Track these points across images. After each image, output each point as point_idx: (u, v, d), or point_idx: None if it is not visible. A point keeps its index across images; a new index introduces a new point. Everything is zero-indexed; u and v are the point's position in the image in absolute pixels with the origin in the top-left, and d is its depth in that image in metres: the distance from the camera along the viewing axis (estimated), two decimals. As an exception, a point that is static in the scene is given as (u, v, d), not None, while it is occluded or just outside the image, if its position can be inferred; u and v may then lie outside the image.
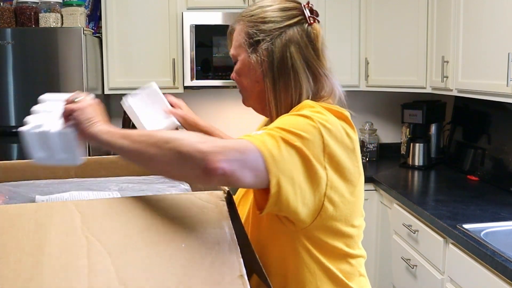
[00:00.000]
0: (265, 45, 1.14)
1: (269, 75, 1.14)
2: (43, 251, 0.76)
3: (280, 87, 1.14)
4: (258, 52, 1.15)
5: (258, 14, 1.17)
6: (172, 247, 0.81)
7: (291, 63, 1.13)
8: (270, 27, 1.15)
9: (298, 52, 1.14)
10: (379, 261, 3.05)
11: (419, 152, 3.35)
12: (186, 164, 0.88)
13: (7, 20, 2.84)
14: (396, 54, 3.25)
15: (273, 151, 0.94)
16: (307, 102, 1.10)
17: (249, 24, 1.16)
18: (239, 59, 1.18)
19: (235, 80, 1.23)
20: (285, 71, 1.13)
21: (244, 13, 1.20)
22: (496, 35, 2.37)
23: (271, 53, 1.13)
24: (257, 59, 1.15)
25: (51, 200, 1.06)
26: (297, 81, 1.13)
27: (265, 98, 1.16)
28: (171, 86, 3.26)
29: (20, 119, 2.77)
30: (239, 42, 1.18)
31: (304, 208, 0.99)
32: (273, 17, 1.15)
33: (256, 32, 1.15)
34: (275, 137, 0.96)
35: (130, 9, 3.19)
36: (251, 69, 1.16)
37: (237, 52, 1.19)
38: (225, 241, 0.83)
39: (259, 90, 1.17)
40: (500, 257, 1.76)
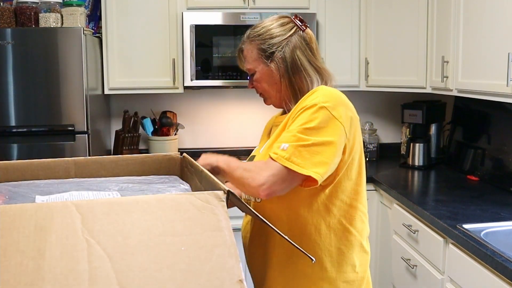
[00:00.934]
0: (279, 54, 1.51)
1: (286, 76, 1.51)
2: (44, 255, 0.76)
3: (296, 82, 1.51)
4: (274, 61, 1.51)
5: (265, 32, 1.52)
6: (171, 251, 0.81)
7: (299, 63, 1.51)
8: (278, 40, 1.51)
9: (302, 54, 1.52)
10: (379, 261, 3.05)
11: (419, 152, 3.35)
12: (248, 193, 1.46)
13: (7, 20, 2.84)
14: (396, 54, 3.26)
15: (293, 159, 1.34)
16: (321, 87, 1.48)
17: (260, 42, 1.52)
18: (258, 70, 1.54)
19: (255, 87, 1.58)
20: (297, 70, 1.51)
21: (250, 36, 1.55)
22: (496, 35, 2.37)
23: (284, 59, 1.51)
24: (275, 66, 1.51)
25: (51, 200, 1.06)
26: (307, 74, 1.51)
27: (284, 94, 1.53)
28: (171, 86, 3.26)
29: (20, 119, 2.80)
30: (253, 57, 1.54)
31: (329, 170, 1.39)
32: (277, 32, 1.52)
33: (269, 46, 1.51)
34: (297, 147, 1.35)
35: (130, 9, 3.19)
36: (270, 75, 1.52)
37: (254, 65, 1.54)
38: (224, 245, 0.83)
39: (278, 89, 1.53)
40: (500, 257, 1.76)
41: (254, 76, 1.55)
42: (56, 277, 0.75)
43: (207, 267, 0.80)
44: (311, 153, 1.34)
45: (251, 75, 1.57)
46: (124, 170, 1.34)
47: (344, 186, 1.46)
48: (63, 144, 2.83)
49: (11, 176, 1.24)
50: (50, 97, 2.78)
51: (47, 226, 0.80)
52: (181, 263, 0.80)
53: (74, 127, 2.81)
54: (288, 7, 3.24)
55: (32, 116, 2.79)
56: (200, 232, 0.85)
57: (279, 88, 1.52)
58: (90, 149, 2.87)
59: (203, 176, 1.18)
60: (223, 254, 0.82)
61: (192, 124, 3.66)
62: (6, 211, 0.82)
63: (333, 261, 1.48)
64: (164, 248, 0.81)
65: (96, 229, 0.81)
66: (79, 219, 0.82)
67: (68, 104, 2.80)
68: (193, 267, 0.80)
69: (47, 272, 0.75)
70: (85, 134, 2.83)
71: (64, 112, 2.80)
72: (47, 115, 2.79)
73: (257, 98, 1.64)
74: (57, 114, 2.80)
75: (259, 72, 1.53)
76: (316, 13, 3.24)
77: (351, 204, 1.49)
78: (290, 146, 1.34)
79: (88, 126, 2.83)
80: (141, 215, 0.85)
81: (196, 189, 1.22)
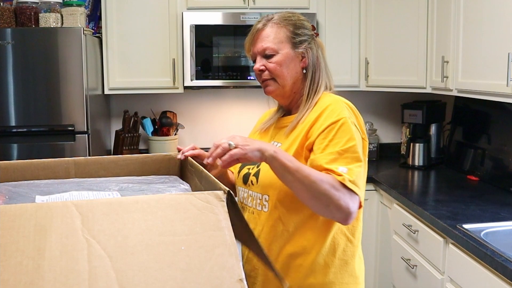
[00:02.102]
0: (307, 44, 1.52)
1: (310, 68, 1.52)
2: (44, 255, 0.76)
3: (315, 78, 1.52)
4: (302, 48, 1.50)
5: (298, 20, 1.53)
6: (171, 251, 0.81)
7: (321, 61, 1.55)
8: (308, 32, 1.53)
9: (322, 54, 1.56)
10: (379, 261, 3.05)
11: (419, 152, 3.35)
12: (331, 216, 1.38)
13: (7, 20, 2.84)
14: (396, 54, 3.25)
15: (360, 187, 1.37)
16: (334, 96, 1.50)
17: (294, 27, 1.50)
18: (281, 52, 1.49)
19: (270, 69, 1.49)
20: (318, 66, 1.53)
21: (278, 19, 1.51)
22: (496, 35, 2.37)
23: (312, 51, 1.52)
24: (301, 53, 1.50)
25: (51, 200, 1.06)
26: (324, 74, 1.55)
27: (297, 87, 1.52)
28: (171, 86, 3.26)
29: (20, 119, 2.80)
30: (280, 38, 1.49)
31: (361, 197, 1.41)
32: (308, 25, 1.55)
33: (302, 33, 1.51)
34: (353, 168, 1.36)
35: (130, 9, 3.19)
36: (294, 61, 1.50)
37: (278, 46, 1.49)
38: (224, 245, 0.83)
39: (296, 79, 1.51)
40: (500, 257, 1.76)
41: (273, 57, 1.49)
42: (56, 277, 0.75)
43: (207, 266, 0.80)
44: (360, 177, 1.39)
45: (266, 55, 1.50)
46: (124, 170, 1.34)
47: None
48: (63, 144, 2.83)
49: (11, 176, 1.24)
50: (50, 97, 2.78)
51: (47, 226, 0.80)
52: (181, 262, 0.80)
53: (74, 127, 2.81)
54: (288, 7, 3.23)
55: (32, 116, 2.79)
56: (200, 232, 0.85)
57: (297, 78, 1.51)
58: (90, 149, 2.87)
59: (203, 176, 1.18)
60: (223, 254, 0.82)
61: (192, 124, 3.66)
62: (6, 211, 0.82)
63: (336, 271, 1.49)
64: (164, 248, 0.81)
65: (96, 229, 0.81)
66: (79, 219, 0.81)
67: (68, 104, 2.80)
68: (193, 267, 0.80)
69: (47, 271, 0.75)
70: (85, 134, 2.83)
71: (64, 112, 2.80)
72: (47, 115, 2.80)
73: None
74: (57, 114, 2.80)
75: (282, 54, 1.49)
76: (316, 13, 3.24)
77: (357, 216, 1.49)
78: (349, 171, 1.35)
79: (88, 126, 2.83)
80: (141, 215, 0.85)
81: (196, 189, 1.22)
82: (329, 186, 1.28)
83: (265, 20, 1.52)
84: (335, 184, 1.30)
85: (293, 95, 1.54)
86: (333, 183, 1.30)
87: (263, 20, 1.53)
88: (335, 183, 1.30)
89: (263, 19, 1.53)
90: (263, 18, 1.53)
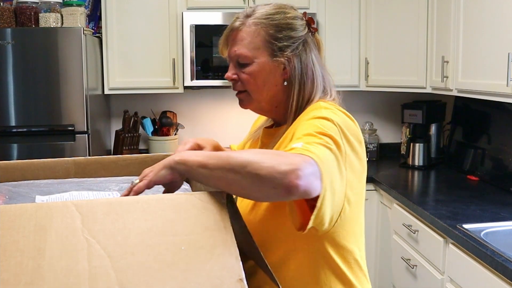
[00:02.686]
0: (292, 50, 1.21)
1: (295, 79, 1.21)
2: (44, 254, 0.76)
3: (305, 88, 1.21)
4: (283, 57, 1.20)
5: (282, 19, 1.22)
6: (172, 251, 0.81)
7: (312, 67, 1.23)
8: (296, 34, 1.22)
9: (316, 58, 1.25)
10: (379, 261, 3.05)
11: (419, 152, 3.35)
12: (267, 186, 0.90)
13: (7, 20, 2.84)
14: (396, 54, 3.25)
15: (323, 160, 0.96)
16: (320, 104, 1.18)
17: (274, 28, 1.21)
18: (256, 61, 1.21)
19: (242, 81, 1.23)
20: (310, 74, 1.22)
21: (258, 15, 1.22)
22: (496, 35, 2.37)
23: (300, 57, 1.21)
24: (285, 64, 1.21)
25: (51, 200, 1.06)
26: (318, 82, 1.23)
27: (277, 100, 1.24)
28: (171, 86, 3.26)
29: (20, 119, 2.79)
30: (255, 43, 1.21)
31: (330, 212, 1.01)
32: (297, 25, 1.23)
33: (285, 36, 1.21)
34: (316, 144, 1.00)
35: (130, 9, 3.19)
36: (272, 72, 1.21)
37: (253, 54, 1.21)
38: (224, 245, 0.83)
39: (275, 93, 1.23)
40: (500, 257, 1.76)
41: (247, 67, 1.22)
42: (56, 277, 0.75)
43: (207, 266, 0.80)
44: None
45: (239, 64, 1.23)
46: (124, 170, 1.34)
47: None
48: (63, 144, 2.83)
49: (11, 176, 1.24)
50: (50, 97, 2.78)
51: (47, 226, 0.80)
52: (181, 262, 0.80)
53: (74, 127, 2.81)
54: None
55: (32, 116, 2.79)
56: (200, 232, 0.85)
57: (276, 91, 1.23)
58: (90, 149, 2.87)
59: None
60: (223, 254, 0.82)
61: (192, 124, 3.66)
62: (6, 211, 0.82)
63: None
64: (164, 248, 0.81)
65: (96, 229, 0.81)
66: (79, 219, 0.81)
67: (68, 104, 2.80)
68: (193, 267, 0.79)
69: (47, 271, 0.75)
70: (85, 134, 2.83)
71: (64, 112, 2.80)
72: (47, 115, 2.80)
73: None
74: (57, 114, 2.80)
75: (258, 64, 1.21)
76: (316, 13, 3.24)
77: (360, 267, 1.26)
78: (305, 145, 1.03)
79: (88, 126, 2.83)
80: (141, 215, 0.85)
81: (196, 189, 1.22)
82: (261, 156, 0.92)
83: (243, 17, 1.25)
84: (273, 152, 0.97)
85: (275, 109, 1.26)
86: (268, 152, 0.98)
87: (241, 16, 1.25)
88: (273, 152, 0.98)
89: (242, 15, 1.25)
90: (242, 13, 1.26)
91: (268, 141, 1.28)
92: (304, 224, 1.00)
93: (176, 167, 0.98)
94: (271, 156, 0.92)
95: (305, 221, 0.99)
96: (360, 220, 1.18)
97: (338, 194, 1.01)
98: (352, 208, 1.10)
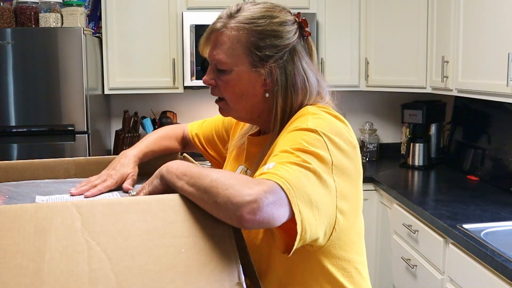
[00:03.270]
0: (276, 61, 1.10)
1: (279, 91, 1.11)
2: (44, 257, 0.76)
3: (292, 99, 1.12)
4: (266, 67, 1.10)
5: (266, 26, 1.11)
6: (172, 253, 0.80)
7: (303, 76, 1.12)
8: (282, 42, 1.11)
9: (307, 65, 1.14)
10: (379, 261, 3.05)
11: (419, 152, 3.35)
12: (222, 215, 0.86)
13: (7, 20, 2.84)
14: (396, 54, 3.25)
15: (291, 182, 0.89)
16: (308, 109, 1.09)
17: (256, 35, 1.10)
18: (235, 70, 1.11)
19: (220, 88, 1.15)
20: (296, 85, 1.11)
21: (240, 19, 1.12)
22: (496, 35, 2.37)
23: (283, 68, 1.11)
24: (264, 73, 1.10)
25: (51, 201, 1.06)
26: (310, 89, 1.13)
27: (258, 110, 1.15)
28: (171, 86, 3.26)
29: (20, 119, 2.79)
30: (236, 50, 1.11)
31: (321, 227, 0.96)
32: (284, 31, 1.12)
33: (269, 45, 1.10)
34: (289, 164, 0.93)
35: (130, 9, 3.19)
36: (250, 82, 1.12)
37: (232, 61, 1.12)
38: (224, 247, 0.83)
39: (255, 103, 1.14)
40: (500, 257, 1.76)
41: (225, 75, 1.13)
42: (56, 279, 0.74)
43: (206, 269, 0.80)
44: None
45: (218, 69, 1.15)
46: (124, 170, 1.34)
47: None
48: (63, 144, 2.83)
49: (11, 176, 1.24)
50: (50, 97, 2.78)
51: (47, 227, 0.80)
52: (181, 265, 0.80)
53: (74, 127, 2.81)
54: (288, 7, 3.23)
55: (32, 116, 2.79)
56: (200, 234, 0.85)
57: (256, 102, 1.13)
58: (90, 149, 2.87)
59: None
60: (223, 257, 0.82)
61: (192, 124, 3.66)
62: (6, 211, 0.82)
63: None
64: (164, 250, 0.81)
65: (97, 230, 0.81)
66: (79, 220, 0.81)
67: (68, 104, 2.80)
68: (192, 270, 0.80)
69: (47, 274, 0.75)
70: (85, 134, 2.83)
71: (64, 112, 2.80)
72: (47, 115, 2.80)
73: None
74: (57, 114, 2.80)
75: (236, 73, 1.12)
76: (316, 13, 3.24)
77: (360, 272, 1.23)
78: (277, 166, 0.97)
79: (88, 126, 2.83)
80: (142, 216, 0.84)
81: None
82: (224, 177, 0.88)
83: (226, 17, 1.15)
84: (237, 175, 0.91)
85: (257, 118, 1.17)
86: (233, 174, 0.92)
87: (224, 16, 1.16)
88: (238, 175, 0.92)
89: (225, 15, 1.16)
90: (225, 12, 1.17)
91: (255, 150, 1.19)
92: (288, 248, 0.94)
93: (164, 176, 0.97)
94: (234, 182, 0.86)
95: (290, 244, 0.93)
96: (357, 228, 1.11)
97: (324, 209, 0.95)
98: (348, 217, 1.04)
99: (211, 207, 0.87)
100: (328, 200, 0.97)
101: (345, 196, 1.02)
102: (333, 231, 1.01)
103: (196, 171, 0.92)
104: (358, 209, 1.10)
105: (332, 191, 0.98)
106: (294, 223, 0.89)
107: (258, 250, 1.07)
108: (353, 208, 1.06)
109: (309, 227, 0.91)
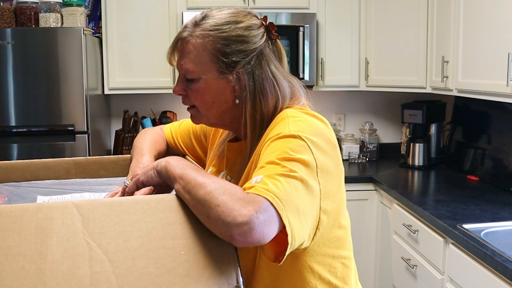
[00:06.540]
0: (243, 66, 1.10)
1: (248, 97, 1.11)
2: (45, 259, 0.76)
3: (261, 104, 1.12)
4: (234, 73, 1.10)
5: (231, 31, 1.11)
6: (171, 255, 0.81)
7: (271, 80, 1.13)
8: (248, 47, 1.11)
9: (276, 68, 1.14)
10: (379, 261, 3.05)
11: (419, 152, 3.35)
12: (214, 229, 0.87)
13: (7, 20, 2.84)
14: (396, 54, 3.25)
15: (280, 196, 0.90)
16: (287, 112, 1.09)
17: (221, 42, 1.10)
18: (204, 78, 1.11)
19: (190, 97, 1.15)
20: (265, 89, 1.12)
21: (205, 27, 1.11)
22: (496, 35, 2.37)
23: (251, 74, 1.11)
24: (234, 82, 1.10)
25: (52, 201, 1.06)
26: (281, 92, 1.13)
27: (230, 116, 1.15)
28: (171, 86, 3.25)
29: (20, 119, 2.79)
30: (202, 59, 1.10)
31: (307, 232, 0.97)
32: (250, 36, 1.12)
33: (235, 51, 1.10)
34: (277, 176, 0.93)
35: (130, 9, 3.19)
36: (221, 90, 1.12)
37: (200, 69, 1.11)
38: (223, 250, 0.84)
39: (226, 109, 1.14)
40: (500, 257, 1.77)
41: (194, 84, 1.13)
42: (58, 282, 0.75)
43: (206, 272, 0.80)
44: None
45: (187, 79, 1.14)
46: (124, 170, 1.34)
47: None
48: (63, 144, 2.83)
49: (11, 176, 1.24)
50: (50, 97, 2.78)
51: (48, 228, 0.80)
52: (180, 267, 0.80)
53: (74, 127, 2.81)
54: (288, 7, 3.24)
55: (32, 116, 2.79)
56: (200, 236, 0.85)
57: (226, 108, 1.14)
58: (90, 149, 2.87)
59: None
60: (222, 259, 0.82)
61: (192, 124, 3.66)
62: (7, 211, 0.82)
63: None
64: (164, 252, 0.81)
65: (97, 231, 0.81)
66: (80, 221, 0.81)
67: (68, 104, 2.80)
68: (192, 272, 0.80)
69: (49, 276, 0.75)
70: (85, 134, 2.83)
71: (64, 112, 2.80)
72: (47, 115, 2.80)
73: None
74: (57, 114, 2.80)
75: (205, 81, 1.11)
76: (316, 13, 3.24)
77: (349, 258, 1.23)
78: (265, 179, 0.98)
79: (88, 126, 2.83)
80: (142, 217, 0.85)
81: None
82: (217, 191, 0.88)
83: (192, 25, 1.13)
84: (230, 190, 0.89)
85: (230, 124, 1.18)
86: (226, 188, 0.90)
87: (190, 24, 1.14)
88: (231, 189, 0.90)
89: (191, 23, 1.14)
90: (191, 21, 1.15)
91: (234, 156, 1.19)
92: (278, 256, 0.95)
93: (162, 172, 0.99)
94: (227, 200, 0.86)
95: (279, 253, 0.94)
96: (342, 223, 1.12)
97: (310, 214, 0.96)
98: (331, 215, 1.05)
99: (204, 219, 0.88)
100: (313, 204, 0.98)
101: (329, 195, 1.03)
102: (317, 230, 1.02)
103: (192, 178, 0.92)
104: (342, 205, 1.12)
105: (317, 194, 0.98)
106: (284, 233, 0.90)
107: (245, 255, 1.07)
108: (337, 205, 1.07)
109: (297, 235, 0.92)
